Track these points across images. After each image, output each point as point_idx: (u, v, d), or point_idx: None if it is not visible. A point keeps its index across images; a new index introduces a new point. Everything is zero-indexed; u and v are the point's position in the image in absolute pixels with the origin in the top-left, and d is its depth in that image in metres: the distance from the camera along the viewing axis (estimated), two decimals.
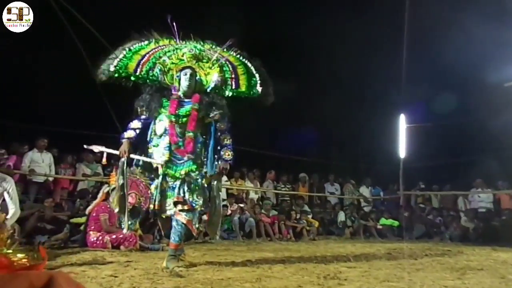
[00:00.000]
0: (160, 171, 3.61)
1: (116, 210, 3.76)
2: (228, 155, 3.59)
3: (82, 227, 5.91)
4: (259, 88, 3.94)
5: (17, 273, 0.92)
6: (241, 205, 8.43)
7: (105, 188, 6.11)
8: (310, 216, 9.32)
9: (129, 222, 5.72)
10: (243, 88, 3.95)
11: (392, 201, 11.14)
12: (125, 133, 3.66)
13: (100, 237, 5.49)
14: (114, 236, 5.47)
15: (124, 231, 4.00)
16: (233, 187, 9.23)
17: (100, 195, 6.06)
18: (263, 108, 4.06)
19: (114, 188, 5.81)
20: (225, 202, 8.21)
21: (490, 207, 10.12)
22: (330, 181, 11.06)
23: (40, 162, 7.21)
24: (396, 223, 9.96)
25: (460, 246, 7.16)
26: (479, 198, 10.34)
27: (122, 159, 3.58)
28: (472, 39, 9.39)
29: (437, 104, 11.05)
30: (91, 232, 5.58)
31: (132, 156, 3.61)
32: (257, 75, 3.99)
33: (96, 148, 3.69)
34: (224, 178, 8.94)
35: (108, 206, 5.76)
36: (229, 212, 8.00)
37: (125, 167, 3.60)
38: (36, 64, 8.48)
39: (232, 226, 7.85)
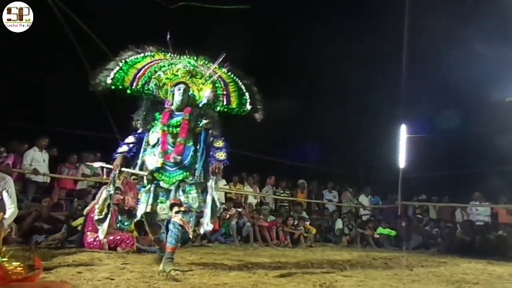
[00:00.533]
0: (145, 182, 3.76)
1: (97, 217, 3.82)
2: (221, 155, 3.66)
3: (79, 228, 5.91)
4: (248, 106, 4.13)
5: (12, 286, 0.89)
6: (239, 209, 8.43)
7: (104, 189, 6.11)
8: (307, 223, 9.31)
9: (125, 223, 5.79)
10: (233, 105, 4.15)
11: (390, 211, 11.14)
12: (119, 148, 3.85)
13: (98, 238, 5.47)
14: (111, 238, 5.47)
15: (101, 236, 4.11)
16: (232, 191, 9.24)
17: (98, 195, 6.06)
18: (267, 116, 4.19)
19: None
20: (223, 206, 8.23)
21: (487, 221, 10.13)
22: (328, 188, 11.07)
23: (41, 161, 7.23)
24: (393, 232, 9.96)
25: (456, 258, 7.15)
26: (477, 211, 10.35)
27: (114, 172, 3.76)
28: (474, 53, 9.48)
29: (438, 116, 11.10)
30: (88, 233, 5.57)
31: (123, 169, 3.77)
32: (247, 94, 4.16)
33: (97, 164, 4.05)
34: (223, 182, 9.00)
35: None
36: (227, 216, 8.00)
37: (115, 180, 3.81)
38: (37, 64, 8.52)
39: (230, 230, 7.85)
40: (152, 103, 3.92)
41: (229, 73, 4.19)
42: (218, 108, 4.07)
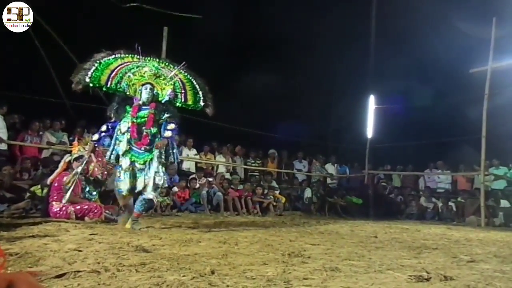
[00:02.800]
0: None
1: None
2: (167, 134, 4.57)
3: (38, 193, 5.78)
4: (201, 103, 5.07)
5: None
6: (210, 179, 8.43)
7: (66, 158, 5.93)
8: (277, 192, 9.47)
9: (93, 193, 5.76)
10: (190, 102, 5.06)
11: (357, 179, 11.49)
12: (94, 136, 4.87)
13: (64, 208, 5.37)
14: (78, 207, 5.37)
15: (64, 200, 4.98)
16: (202, 161, 9.21)
17: (61, 164, 5.87)
18: (239, 87, 4.54)
19: (76, 158, 5.70)
20: (193, 176, 8.23)
21: (448, 188, 10.67)
22: (298, 158, 11.22)
23: (4, 128, 6.85)
24: (359, 200, 10.31)
25: (418, 225, 7.51)
26: (438, 179, 10.85)
27: (85, 156, 4.95)
28: (440, 27, 9.66)
29: (406, 87, 11.33)
30: (53, 202, 5.44)
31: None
32: (200, 93, 5.05)
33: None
34: (193, 151, 8.98)
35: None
36: (198, 185, 8.00)
37: (83, 164, 5.00)
38: None
39: (200, 200, 7.88)
40: (122, 98, 4.76)
41: (186, 75, 5.00)
42: (178, 105, 4.98)
